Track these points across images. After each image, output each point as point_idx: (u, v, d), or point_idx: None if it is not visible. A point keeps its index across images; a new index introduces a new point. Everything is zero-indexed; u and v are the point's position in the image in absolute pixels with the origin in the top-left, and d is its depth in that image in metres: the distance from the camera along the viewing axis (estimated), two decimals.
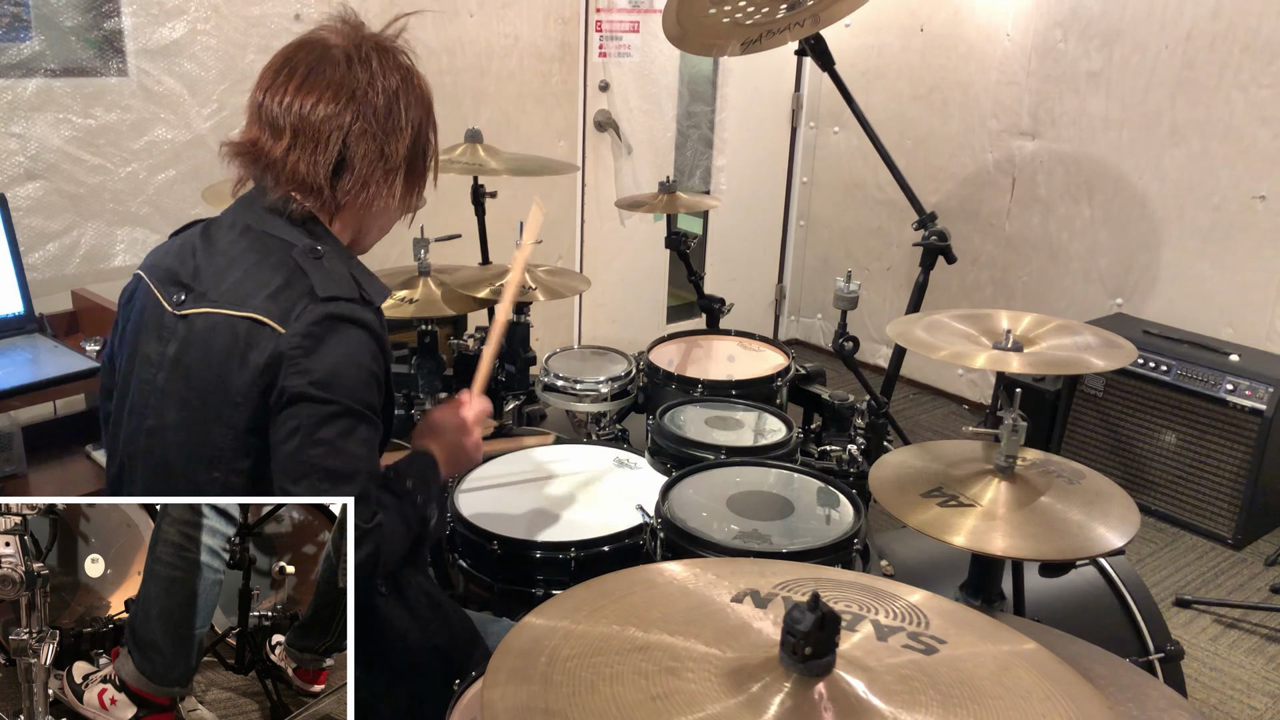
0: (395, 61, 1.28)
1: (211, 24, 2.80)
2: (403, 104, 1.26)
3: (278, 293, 1.19)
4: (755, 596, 0.89)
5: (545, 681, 0.75)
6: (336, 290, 1.20)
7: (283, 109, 1.23)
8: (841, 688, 0.76)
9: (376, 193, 1.27)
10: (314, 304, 1.18)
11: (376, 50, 1.27)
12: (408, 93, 1.27)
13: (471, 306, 2.27)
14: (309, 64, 1.24)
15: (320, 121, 1.22)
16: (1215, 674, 2.53)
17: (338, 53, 1.25)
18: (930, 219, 2.62)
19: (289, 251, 1.23)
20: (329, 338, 1.17)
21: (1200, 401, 3.07)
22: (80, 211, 2.68)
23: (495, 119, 3.44)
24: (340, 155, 1.23)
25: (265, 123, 1.24)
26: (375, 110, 1.24)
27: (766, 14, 2.59)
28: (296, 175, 1.24)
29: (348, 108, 1.23)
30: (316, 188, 1.24)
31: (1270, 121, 3.11)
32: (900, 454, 1.66)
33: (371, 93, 1.24)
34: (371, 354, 1.21)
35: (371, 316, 1.23)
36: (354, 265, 1.29)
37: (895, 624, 0.86)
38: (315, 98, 1.22)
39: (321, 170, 1.23)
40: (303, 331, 1.16)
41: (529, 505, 1.80)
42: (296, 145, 1.23)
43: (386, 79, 1.25)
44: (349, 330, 1.19)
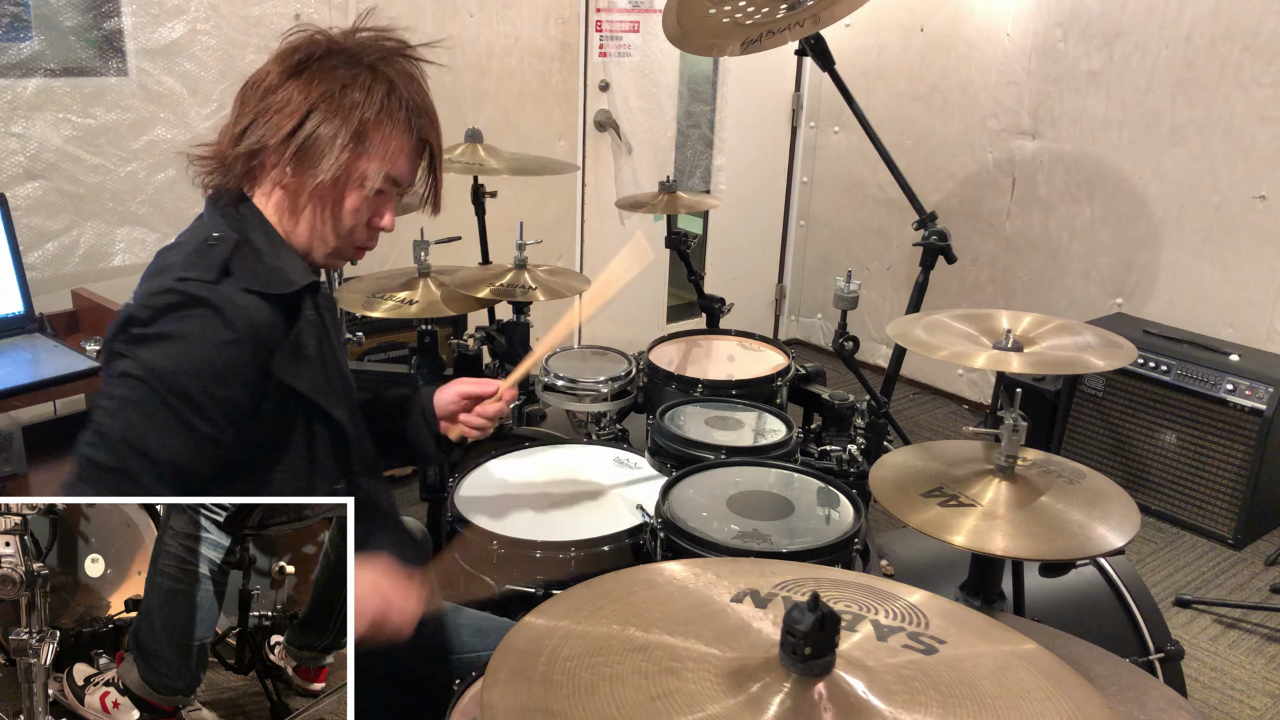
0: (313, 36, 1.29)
1: (211, 24, 2.80)
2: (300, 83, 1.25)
3: (156, 275, 1.21)
4: (755, 596, 0.89)
5: (545, 681, 0.75)
6: (192, 272, 1.18)
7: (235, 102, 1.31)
8: (841, 688, 0.76)
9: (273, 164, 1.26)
10: (167, 282, 1.17)
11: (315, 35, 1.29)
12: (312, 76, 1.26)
13: (471, 307, 2.27)
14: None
15: (240, 96, 1.29)
16: (1215, 674, 2.53)
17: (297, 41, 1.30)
18: (930, 219, 2.62)
19: (198, 240, 1.25)
20: (164, 309, 1.16)
21: (1200, 401, 3.07)
22: (80, 211, 2.68)
23: (495, 119, 3.44)
24: (244, 127, 1.26)
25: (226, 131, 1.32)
26: (271, 85, 1.26)
27: (766, 14, 2.59)
28: (217, 148, 1.30)
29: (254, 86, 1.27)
30: (225, 161, 1.28)
31: (1270, 121, 3.11)
32: (900, 454, 1.66)
33: (273, 69, 1.27)
34: (214, 341, 1.16)
35: (232, 303, 1.17)
36: (277, 251, 1.27)
37: (895, 624, 0.86)
38: (250, 79, 1.29)
39: (226, 141, 1.28)
40: (142, 302, 1.17)
41: (529, 505, 1.80)
42: (227, 124, 1.30)
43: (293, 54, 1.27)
44: (190, 309, 1.16)
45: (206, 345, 1.15)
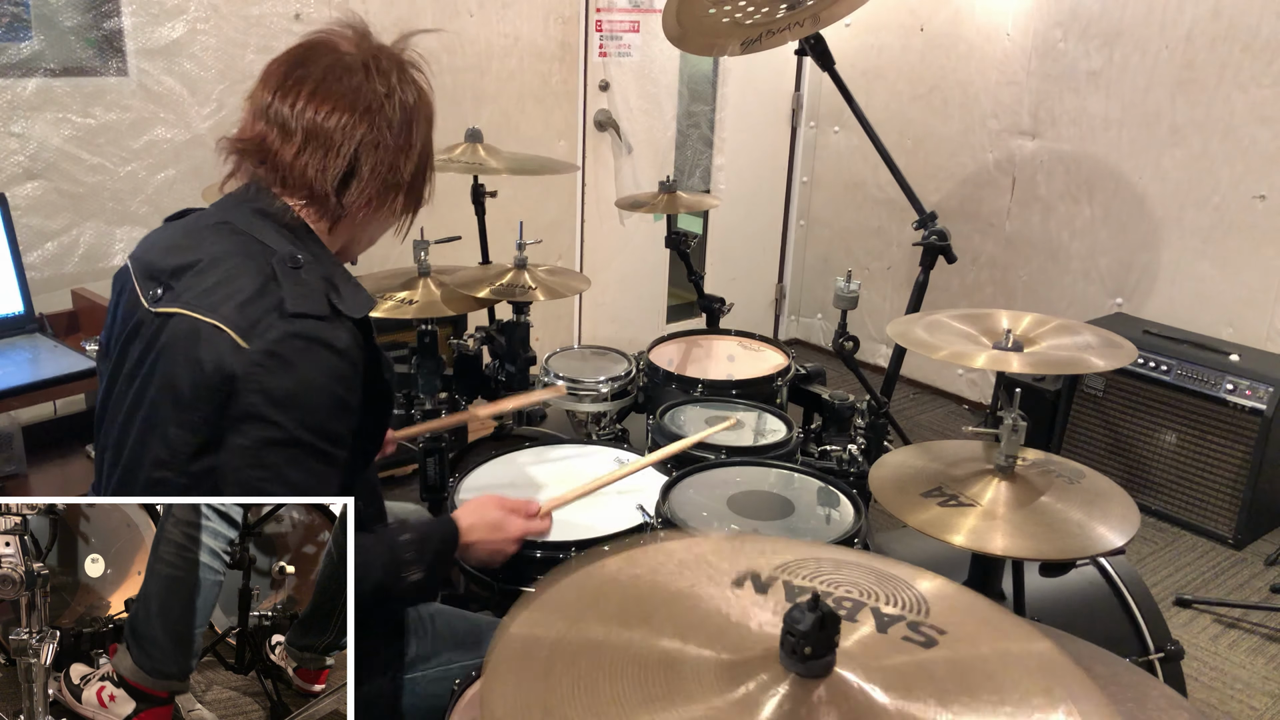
0: (412, 77, 1.29)
1: (211, 24, 2.80)
2: (417, 121, 1.27)
3: (247, 303, 1.15)
4: (756, 580, 0.88)
5: (544, 676, 0.75)
6: (306, 307, 1.16)
7: (295, 112, 1.22)
8: (841, 685, 0.76)
9: (379, 206, 1.27)
10: (280, 320, 1.14)
11: (396, 65, 1.28)
12: (421, 110, 1.28)
13: (471, 306, 2.27)
14: (324, 69, 1.24)
15: (334, 129, 1.22)
16: (1215, 674, 2.53)
17: (353, 61, 1.25)
18: (930, 219, 2.62)
19: (269, 258, 1.20)
20: (291, 358, 1.13)
21: (1200, 401, 3.07)
22: (79, 211, 2.69)
23: (495, 119, 3.44)
24: (351, 165, 1.23)
25: (274, 123, 1.24)
26: (390, 125, 1.24)
27: (766, 14, 2.59)
28: (305, 180, 1.23)
29: (363, 119, 1.23)
30: (321, 194, 1.24)
31: (1270, 121, 3.11)
32: (900, 454, 1.66)
33: (389, 107, 1.24)
34: (338, 377, 1.17)
35: (343, 336, 1.18)
36: (338, 274, 1.25)
37: (896, 612, 0.86)
38: (331, 105, 1.22)
39: (330, 177, 1.23)
40: (265, 349, 1.13)
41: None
42: (307, 150, 1.22)
43: (404, 94, 1.26)
44: (314, 351, 1.15)
45: (340, 384, 1.17)
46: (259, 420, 1.12)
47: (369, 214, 1.28)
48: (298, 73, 1.25)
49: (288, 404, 1.13)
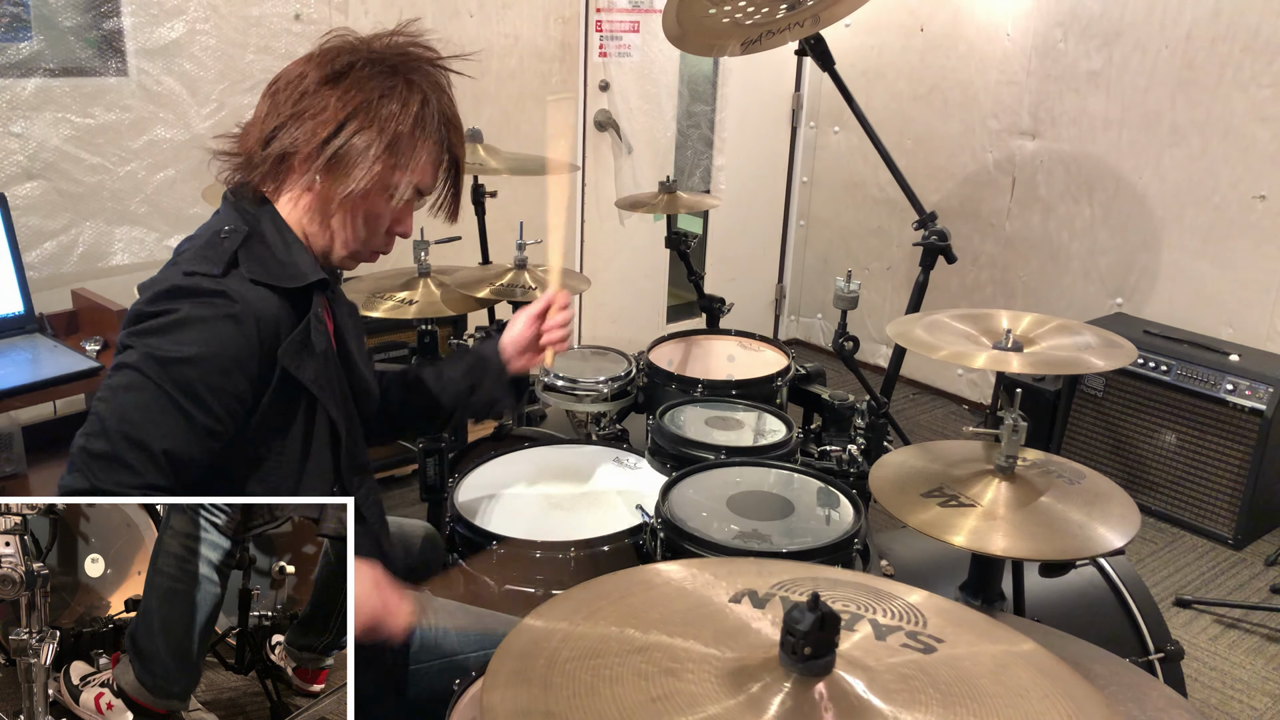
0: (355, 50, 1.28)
1: (211, 24, 2.80)
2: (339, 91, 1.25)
3: (166, 267, 1.23)
4: (753, 597, 0.89)
5: (545, 684, 0.75)
6: (199, 266, 1.19)
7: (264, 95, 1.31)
8: (841, 687, 0.76)
9: (302, 164, 1.26)
10: (175, 276, 1.19)
11: (355, 40, 1.30)
12: (351, 84, 1.26)
13: (472, 306, 2.27)
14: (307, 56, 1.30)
15: (264, 97, 1.29)
16: (1215, 674, 2.53)
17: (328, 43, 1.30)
18: (930, 219, 2.62)
19: (210, 235, 1.25)
20: (168, 306, 1.16)
21: (1200, 401, 3.07)
22: (79, 211, 2.69)
23: (495, 119, 3.44)
24: (275, 128, 1.25)
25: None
26: (306, 90, 1.25)
27: (766, 14, 2.59)
28: (245, 146, 1.29)
29: (287, 87, 1.26)
30: (252, 161, 1.28)
31: (1270, 121, 3.11)
32: (900, 454, 1.66)
33: (310, 73, 1.26)
34: (212, 330, 1.16)
35: (239, 294, 1.18)
36: (287, 246, 1.27)
37: (894, 623, 0.86)
38: (282, 78, 1.28)
39: (254, 141, 1.27)
40: (149, 296, 1.18)
41: (529, 505, 1.80)
42: (248, 130, 1.30)
43: (335, 61, 1.26)
44: (195, 301, 1.17)
45: (210, 336, 1.16)
46: (125, 349, 1.16)
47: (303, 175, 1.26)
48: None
49: (145, 334, 1.16)
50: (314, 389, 1.27)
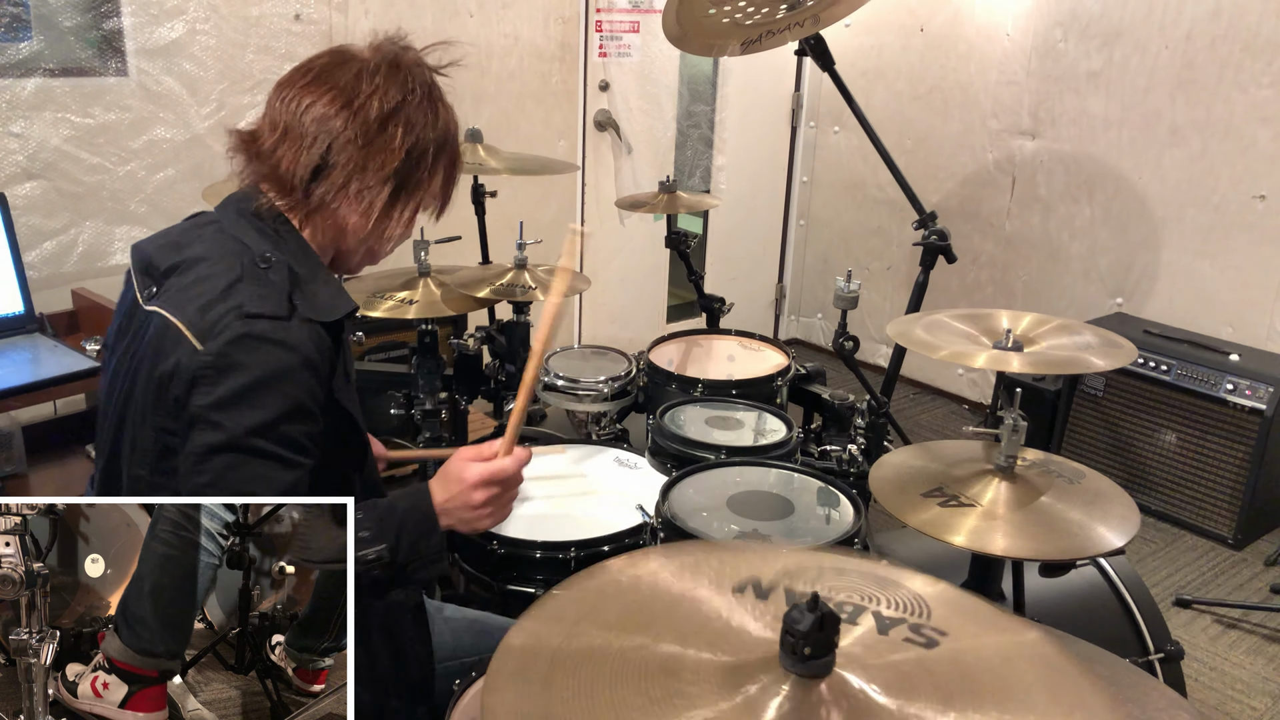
0: (404, 80, 1.25)
1: (211, 24, 2.80)
2: (399, 123, 1.23)
3: (209, 304, 1.14)
4: (757, 586, 0.88)
5: (545, 683, 0.75)
6: (263, 308, 1.14)
7: (284, 105, 1.23)
8: (842, 686, 0.76)
9: (353, 206, 1.24)
10: (237, 321, 1.12)
11: (390, 65, 1.25)
12: (410, 113, 1.24)
13: (472, 306, 2.27)
14: (324, 67, 1.24)
15: (311, 121, 1.21)
16: (1215, 674, 2.53)
17: (355, 62, 1.25)
18: (930, 218, 2.62)
19: (242, 258, 1.19)
20: (241, 359, 1.11)
21: (1200, 401, 3.07)
22: (78, 210, 2.69)
23: (495, 119, 3.44)
24: (322, 159, 1.21)
25: (268, 117, 1.25)
26: (367, 122, 1.21)
27: (766, 14, 2.59)
28: (276, 170, 1.23)
29: (341, 114, 1.21)
30: (290, 185, 1.23)
31: (1270, 121, 3.11)
32: (900, 454, 1.65)
33: (369, 104, 1.22)
34: (290, 378, 1.13)
35: (301, 337, 1.15)
36: (313, 274, 1.23)
37: (897, 615, 0.86)
38: (314, 98, 1.22)
39: (300, 169, 1.21)
40: (216, 351, 1.11)
41: (529, 505, 1.80)
42: (285, 141, 1.22)
43: (387, 94, 1.23)
44: (265, 351, 1.12)
45: (294, 386, 1.13)
46: (203, 424, 1.11)
47: (344, 213, 1.25)
48: (303, 70, 1.26)
49: (232, 406, 1.10)
50: (353, 412, 1.27)
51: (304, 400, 1.15)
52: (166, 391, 1.13)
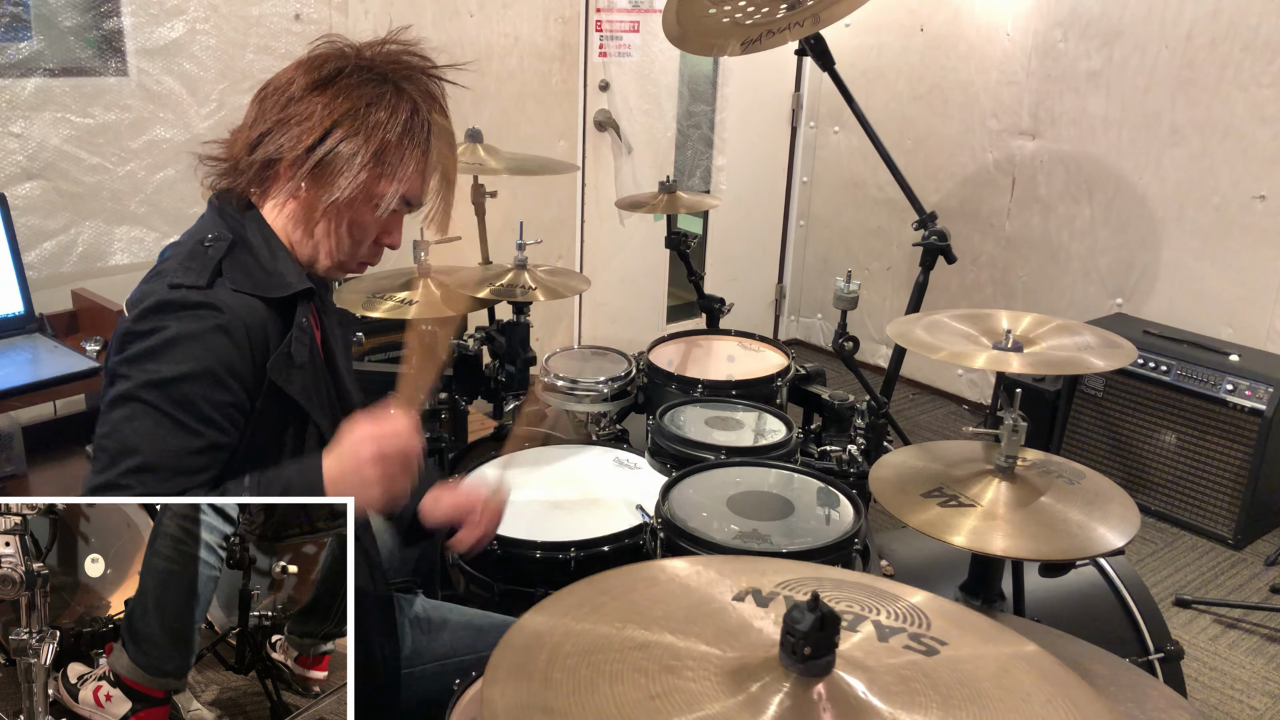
0: (343, 56, 1.26)
1: (210, 24, 2.79)
2: (328, 97, 1.23)
3: (147, 282, 1.21)
4: (757, 595, 0.89)
5: (545, 680, 0.75)
6: (185, 278, 1.17)
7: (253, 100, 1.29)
8: (841, 688, 0.76)
9: (282, 185, 1.25)
10: (159, 289, 1.17)
11: (341, 46, 1.27)
12: (343, 90, 1.23)
13: (472, 306, 2.27)
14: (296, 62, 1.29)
15: (256, 101, 1.27)
16: (1215, 674, 2.53)
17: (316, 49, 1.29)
18: (930, 219, 2.62)
19: (195, 240, 1.24)
20: (156, 323, 1.14)
21: (1200, 401, 3.07)
22: (78, 210, 2.68)
23: (495, 119, 3.44)
24: (260, 136, 1.24)
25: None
26: (292, 97, 1.24)
27: (766, 14, 2.59)
28: (231, 152, 1.28)
29: (276, 91, 1.25)
30: (237, 166, 1.27)
31: (1270, 121, 3.11)
32: (900, 454, 1.66)
33: (298, 78, 1.24)
34: (203, 343, 1.14)
35: (222, 304, 1.16)
36: (273, 254, 1.25)
37: (896, 624, 0.86)
38: (271, 84, 1.27)
39: (240, 147, 1.26)
40: (136, 315, 1.16)
41: (529, 505, 1.80)
42: (242, 127, 1.28)
43: (323, 68, 1.24)
44: (180, 317, 1.14)
45: (203, 350, 1.14)
46: (112, 378, 1.15)
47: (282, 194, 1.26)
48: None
49: (136, 360, 1.14)
50: (302, 401, 1.25)
51: (213, 366, 1.15)
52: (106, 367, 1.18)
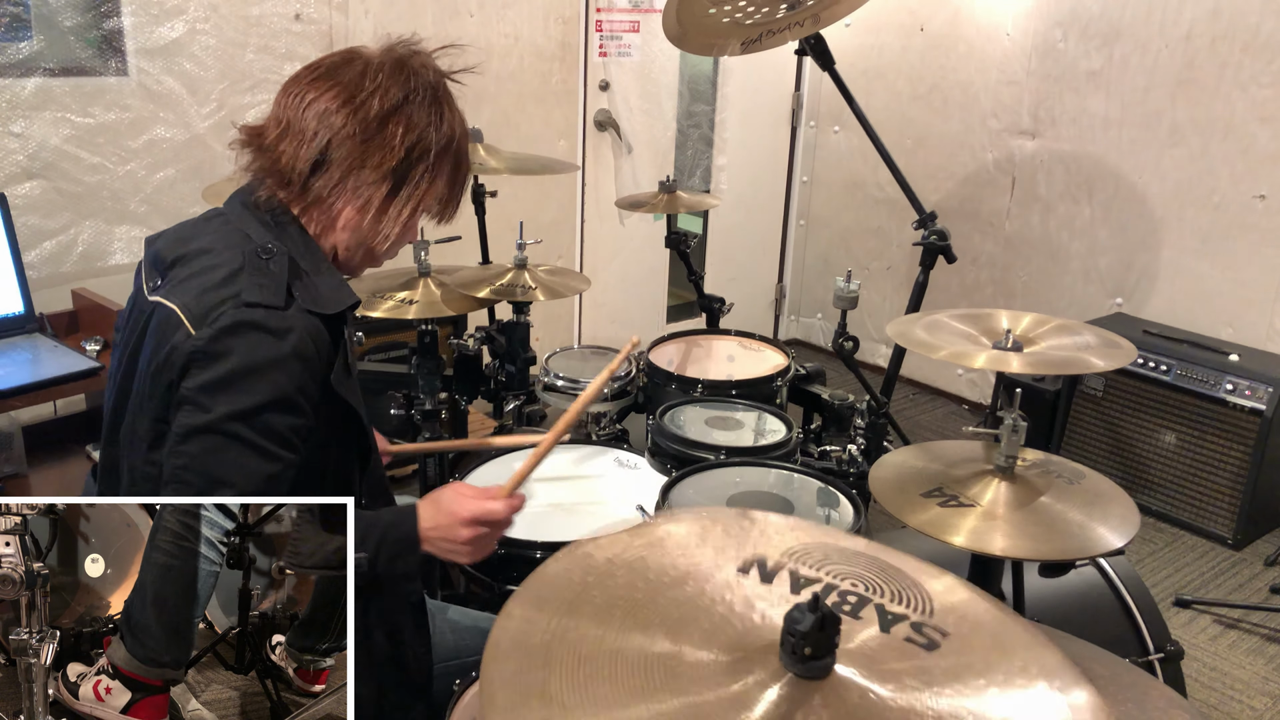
0: (408, 79, 1.25)
1: (211, 24, 2.79)
2: (400, 121, 1.23)
3: (208, 292, 1.16)
4: (762, 567, 0.88)
5: (543, 666, 0.75)
6: (260, 297, 1.15)
7: (289, 101, 1.24)
8: (840, 682, 0.76)
9: (350, 201, 1.24)
10: (234, 309, 1.13)
11: (395, 64, 1.25)
12: (413, 113, 1.24)
13: (472, 306, 2.27)
14: (331, 65, 1.25)
15: (313, 117, 1.22)
16: (1215, 674, 2.53)
17: (361, 60, 1.25)
18: (930, 218, 2.62)
19: (244, 249, 1.20)
20: (232, 346, 1.12)
21: (1200, 401, 3.07)
22: (78, 210, 2.68)
23: (495, 118, 3.44)
24: (322, 154, 1.22)
25: (274, 114, 1.26)
26: (367, 119, 1.22)
27: (766, 14, 2.59)
28: (277, 164, 1.23)
29: (342, 110, 1.21)
30: (289, 179, 1.24)
31: (1270, 121, 3.11)
32: (900, 454, 1.65)
33: (370, 101, 1.22)
34: (281, 368, 1.13)
35: (296, 328, 1.15)
36: (315, 267, 1.24)
37: (900, 610, 0.85)
38: (317, 94, 1.22)
39: (300, 163, 1.22)
40: (209, 336, 1.12)
41: (529, 505, 1.80)
42: (287, 136, 1.23)
43: (389, 92, 1.23)
44: (257, 339, 1.13)
45: (284, 377, 1.13)
46: (188, 405, 1.12)
47: (345, 209, 1.25)
48: (312, 67, 1.27)
49: (218, 390, 1.11)
50: (358, 409, 1.27)
51: (291, 392, 1.14)
52: (162, 378, 1.15)
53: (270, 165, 1.24)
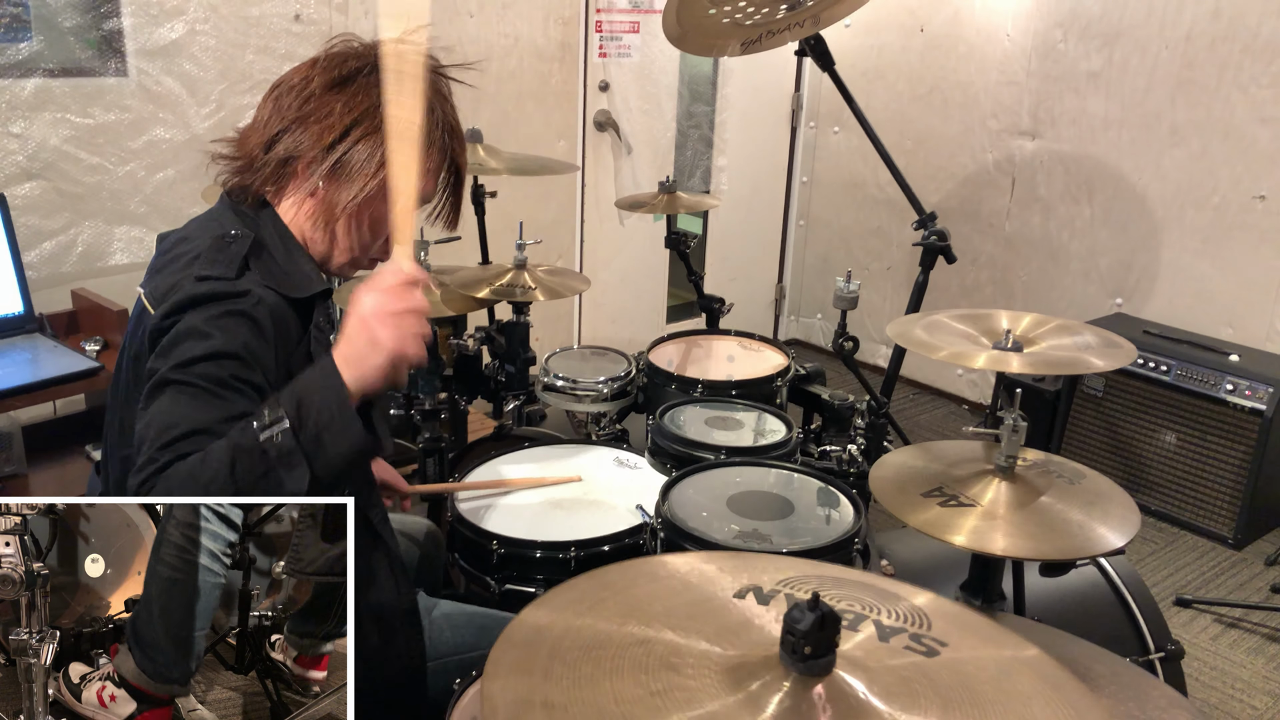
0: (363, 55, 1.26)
1: (210, 24, 2.80)
2: (343, 96, 1.23)
3: (172, 275, 1.19)
4: (758, 593, 0.89)
5: (545, 675, 0.75)
6: (213, 270, 1.17)
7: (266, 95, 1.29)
8: (841, 687, 0.76)
9: (303, 180, 1.25)
10: (187, 284, 1.16)
11: (355, 45, 1.28)
12: (359, 89, 1.24)
13: (471, 306, 2.27)
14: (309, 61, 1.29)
15: (270, 101, 1.27)
16: (1215, 673, 2.53)
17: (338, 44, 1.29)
18: (930, 219, 2.62)
19: (213, 235, 1.23)
20: (187, 315, 1.13)
21: (1200, 401, 3.07)
22: (78, 210, 2.69)
23: (495, 119, 3.44)
24: (275, 135, 1.25)
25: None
26: (310, 94, 1.24)
27: (766, 14, 2.59)
28: (245, 150, 1.27)
29: (292, 90, 1.25)
30: (250, 165, 1.27)
31: (1270, 121, 3.11)
32: (900, 454, 1.65)
33: (316, 77, 1.24)
34: (230, 328, 1.12)
35: (248, 295, 1.16)
36: (292, 255, 1.25)
37: (897, 625, 0.86)
38: (279, 82, 1.27)
39: (253, 147, 1.26)
40: (164, 310, 1.14)
41: (529, 505, 1.80)
42: (256, 127, 1.27)
43: (344, 66, 1.25)
44: (208, 306, 1.14)
45: (229, 335, 1.13)
46: (150, 378, 1.12)
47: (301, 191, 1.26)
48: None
49: (167, 351, 1.11)
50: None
51: (236, 348, 1.12)
52: (139, 364, 1.17)
53: (234, 152, 1.29)
